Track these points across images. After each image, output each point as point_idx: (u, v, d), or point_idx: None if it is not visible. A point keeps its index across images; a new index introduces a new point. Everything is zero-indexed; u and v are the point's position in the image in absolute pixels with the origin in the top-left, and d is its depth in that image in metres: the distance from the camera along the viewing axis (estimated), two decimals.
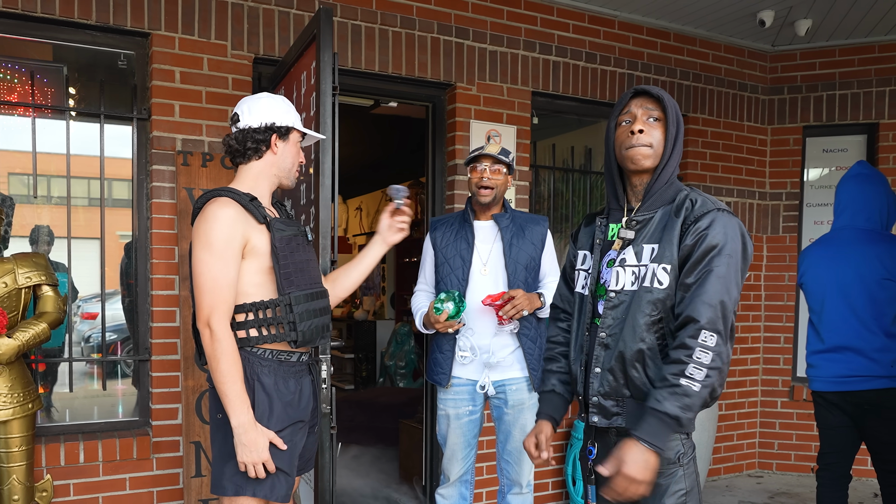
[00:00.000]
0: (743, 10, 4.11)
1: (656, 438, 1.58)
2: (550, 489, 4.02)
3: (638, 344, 1.67)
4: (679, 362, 1.58)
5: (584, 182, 4.38)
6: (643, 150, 1.71)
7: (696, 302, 1.59)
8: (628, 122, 1.75)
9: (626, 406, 1.72)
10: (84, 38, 3.04)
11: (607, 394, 1.73)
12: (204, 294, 1.90)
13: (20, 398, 2.65)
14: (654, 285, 1.67)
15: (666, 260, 1.66)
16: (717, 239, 1.62)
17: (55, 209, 3.56)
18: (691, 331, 1.58)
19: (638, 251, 1.72)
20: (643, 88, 1.75)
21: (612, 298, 1.73)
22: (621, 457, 1.59)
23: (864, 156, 4.70)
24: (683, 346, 1.59)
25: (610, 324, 1.73)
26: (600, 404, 1.74)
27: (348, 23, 3.43)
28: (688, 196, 1.72)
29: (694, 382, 1.56)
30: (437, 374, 2.71)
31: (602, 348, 1.74)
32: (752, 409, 4.81)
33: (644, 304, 1.67)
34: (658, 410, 1.58)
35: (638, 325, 1.67)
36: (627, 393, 1.71)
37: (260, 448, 1.90)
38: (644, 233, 1.72)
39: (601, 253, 1.82)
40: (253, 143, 2.04)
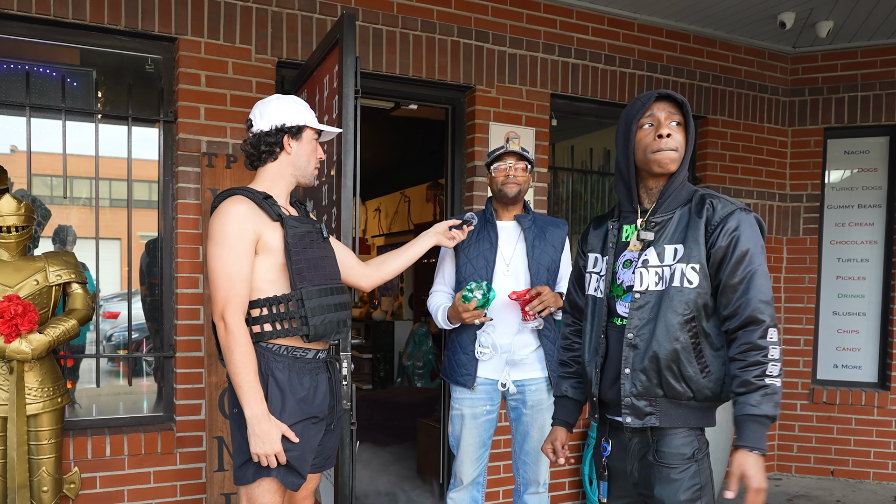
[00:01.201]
0: (763, 12, 4.10)
1: (762, 442, 1.63)
2: (567, 489, 4.03)
3: (673, 344, 1.70)
4: (758, 364, 1.64)
5: (602, 184, 4.39)
6: (671, 154, 1.74)
7: (753, 302, 1.66)
8: (651, 125, 1.77)
9: (659, 405, 1.74)
10: (113, 42, 3.12)
11: (640, 394, 1.75)
12: (218, 288, 1.95)
13: (50, 392, 2.72)
14: (684, 285, 1.71)
15: (694, 260, 1.70)
16: (749, 238, 1.68)
17: (77, 209, 3.64)
18: (759, 331, 1.65)
19: (660, 252, 1.75)
20: (667, 93, 1.77)
21: (638, 299, 1.76)
22: (744, 472, 1.62)
23: (886, 158, 4.67)
24: (757, 347, 1.64)
25: (637, 324, 1.75)
26: (633, 405, 1.76)
27: (370, 27, 3.48)
28: (704, 196, 1.76)
29: (775, 379, 1.64)
30: (462, 376, 2.68)
31: (630, 349, 1.76)
32: None
33: (676, 303, 1.70)
34: (758, 416, 1.62)
35: (671, 325, 1.70)
36: (661, 393, 1.73)
37: (273, 439, 1.93)
38: (664, 234, 1.76)
39: (615, 255, 1.85)
40: (266, 146, 2.09)
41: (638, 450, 1.81)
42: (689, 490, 1.72)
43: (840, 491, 4.45)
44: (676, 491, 1.71)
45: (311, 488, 2.28)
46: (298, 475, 2.04)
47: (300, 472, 2.04)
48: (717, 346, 1.74)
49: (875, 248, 4.72)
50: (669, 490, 1.72)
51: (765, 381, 1.62)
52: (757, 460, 1.61)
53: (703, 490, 1.73)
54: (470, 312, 2.52)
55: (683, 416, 1.75)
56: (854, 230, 4.76)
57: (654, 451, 1.76)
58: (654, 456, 1.76)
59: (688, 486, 1.72)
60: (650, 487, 1.76)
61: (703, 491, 1.73)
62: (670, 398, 1.73)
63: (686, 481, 1.72)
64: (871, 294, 4.72)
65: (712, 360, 1.73)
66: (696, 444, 1.75)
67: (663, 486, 1.73)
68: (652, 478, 1.76)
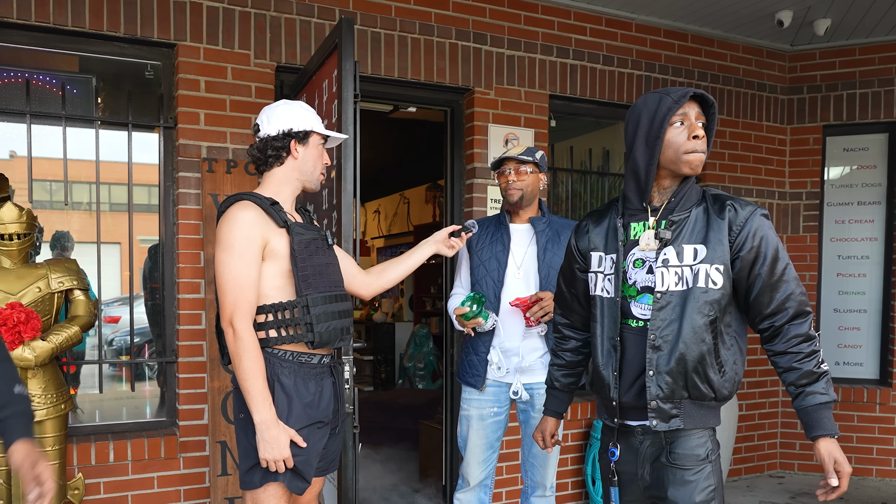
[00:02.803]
0: (761, 11, 4.11)
1: (836, 427, 1.69)
2: (570, 489, 4.04)
3: (700, 346, 1.70)
4: (814, 353, 1.71)
5: (601, 184, 4.40)
6: (702, 156, 1.74)
7: (797, 295, 1.72)
8: (683, 123, 1.72)
9: (683, 408, 1.73)
10: (112, 49, 3.12)
11: (666, 397, 1.72)
12: (226, 294, 1.96)
13: (53, 399, 2.73)
14: (709, 286, 1.70)
15: (718, 260, 1.70)
16: (774, 237, 1.73)
17: (76, 214, 3.65)
18: (808, 323, 1.72)
19: (679, 251, 1.72)
20: (701, 93, 1.74)
21: (660, 299, 1.73)
22: (835, 458, 1.66)
23: (885, 155, 4.68)
24: (809, 337, 1.71)
25: (659, 325, 1.72)
26: (659, 407, 1.73)
27: (368, 30, 3.48)
28: (718, 197, 1.77)
29: (825, 364, 1.72)
30: (472, 377, 2.70)
31: (653, 351, 1.73)
32: (773, 409, 4.80)
33: (702, 304, 1.70)
34: (823, 403, 1.68)
35: (697, 326, 1.69)
36: (685, 395, 1.72)
37: (282, 445, 1.94)
38: (683, 233, 1.73)
39: (624, 253, 1.81)
40: (273, 150, 2.09)
41: (650, 453, 1.79)
42: (704, 491, 1.71)
43: None
44: (692, 492, 1.71)
45: (315, 492, 2.28)
46: (304, 479, 2.04)
47: (305, 476, 2.04)
48: (729, 345, 1.75)
49: (875, 244, 4.72)
50: (684, 492, 1.71)
51: (823, 367, 1.70)
52: (835, 444, 1.67)
53: (716, 491, 1.74)
54: (459, 319, 2.59)
55: (704, 416, 1.76)
56: (854, 227, 4.76)
57: (668, 454, 1.75)
58: (667, 458, 1.75)
59: (703, 487, 1.71)
60: (663, 490, 1.75)
61: (717, 492, 1.74)
62: (695, 399, 1.73)
63: (701, 482, 1.72)
64: (872, 291, 4.73)
65: (726, 359, 1.74)
66: (709, 445, 1.75)
67: (678, 488, 1.72)
68: (665, 480, 1.75)
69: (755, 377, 4.70)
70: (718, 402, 1.77)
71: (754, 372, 4.69)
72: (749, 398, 4.66)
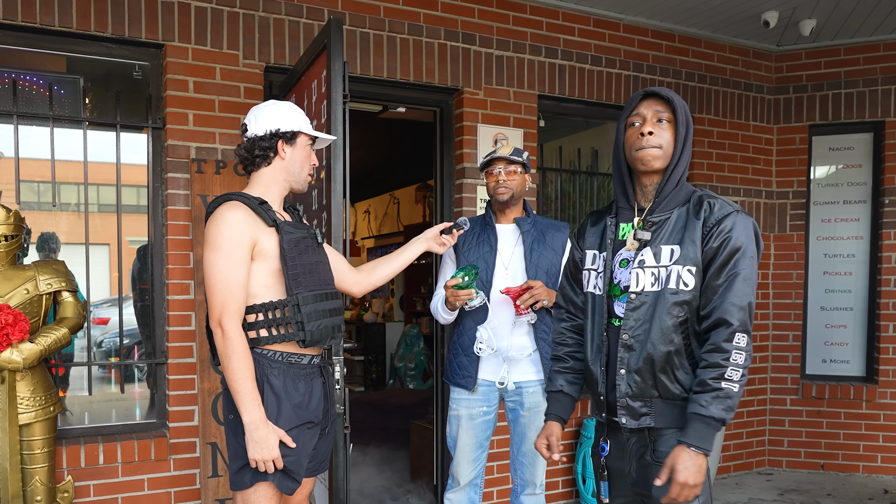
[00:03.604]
0: (747, 11, 4.14)
1: (704, 442, 1.63)
2: (561, 487, 4.06)
3: (667, 346, 1.71)
4: (718, 366, 1.64)
5: (590, 183, 4.42)
6: (653, 151, 1.74)
7: (726, 304, 1.65)
8: (638, 123, 1.77)
9: (654, 406, 1.75)
10: (100, 50, 3.11)
11: (635, 395, 1.75)
12: (215, 294, 1.96)
13: (42, 401, 2.72)
14: (680, 287, 1.70)
15: (690, 262, 1.70)
16: (740, 241, 1.67)
17: (64, 216, 3.63)
18: (725, 334, 1.64)
19: (656, 252, 1.74)
20: (653, 90, 1.77)
21: (634, 300, 1.75)
22: (674, 465, 1.64)
23: (870, 154, 4.73)
24: (720, 349, 1.64)
25: (632, 325, 1.74)
26: (628, 405, 1.76)
27: (357, 31, 3.49)
28: (702, 197, 1.75)
29: (733, 384, 1.63)
30: (463, 378, 2.70)
31: (625, 350, 1.76)
32: (762, 406, 4.84)
33: (671, 305, 1.70)
34: (704, 416, 1.63)
35: (666, 327, 1.70)
36: (655, 394, 1.74)
37: (271, 445, 1.94)
38: (661, 234, 1.74)
39: (612, 252, 1.83)
40: (260, 150, 2.09)
41: (636, 450, 1.81)
42: None
43: (830, 485, 4.50)
44: None
45: (305, 492, 2.28)
46: (294, 480, 2.05)
47: (296, 476, 2.05)
48: None
49: (861, 243, 4.77)
50: (667, 489, 1.71)
51: (721, 384, 1.62)
52: (692, 457, 1.63)
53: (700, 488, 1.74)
54: (451, 291, 2.52)
55: (678, 416, 1.74)
56: (840, 226, 4.81)
57: (652, 451, 1.76)
58: (651, 456, 1.76)
59: None
60: (648, 487, 1.76)
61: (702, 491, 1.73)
62: (665, 399, 1.74)
63: None
64: (858, 289, 4.78)
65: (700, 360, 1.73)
66: None
67: (661, 485, 1.73)
68: (650, 477, 1.76)
69: None
70: None
71: None
72: None
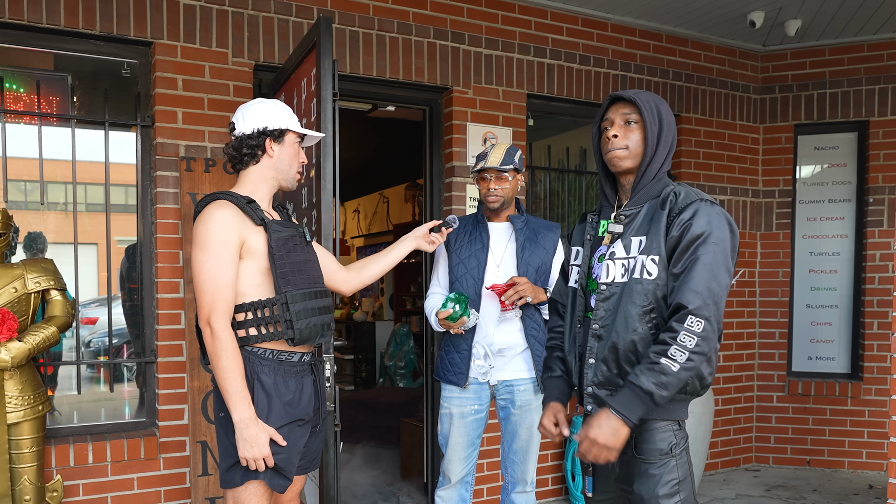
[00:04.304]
0: (734, 12, 4.18)
1: (627, 410, 1.65)
2: (550, 485, 4.08)
3: (630, 335, 1.73)
4: (663, 343, 1.64)
5: (579, 182, 4.44)
6: (619, 153, 1.80)
7: (684, 289, 1.65)
8: (607, 128, 1.83)
9: None
10: (88, 47, 3.10)
11: (601, 383, 1.79)
12: (203, 293, 1.96)
13: (31, 400, 2.71)
14: (643, 276, 1.72)
15: (654, 251, 1.72)
16: (701, 228, 1.67)
17: (52, 215, 3.61)
18: (679, 316, 1.64)
19: (626, 244, 1.78)
20: (618, 94, 1.82)
21: (604, 291, 1.79)
22: (591, 421, 1.68)
23: (854, 154, 4.78)
24: (670, 329, 1.65)
25: (602, 315, 1.78)
26: (594, 394, 1.80)
27: (346, 29, 3.49)
28: (672, 189, 1.78)
29: (674, 363, 1.61)
30: (454, 375, 2.71)
31: (595, 339, 1.79)
32: (749, 403, 4.88)
33: (635, 294, 1.73)
34: (633, 384, 1.65)
35: (630, 316, 1.73)
36: (621, 382, 1.75)
37: (261, 443, 1.95)
38: (632, 226, 1.79)
39: (592, 249, 1.89)
40: (248, 148, 2.09)
41: None
42: (667, 485, 1.74)
43: (816, 480, 4.55)
44: (655, 486, 1.74)
45: (296, 490, 2.29)
46: (285, 477, 2.05)
47: (287, 474, 2.05)
48: None
49: (846, 241, 4.83)
50: (648, 485, 1.74)
51: (660, 359, 1.62)
52: (610, 419, 1.65)
53: (681, 484, 1.76)
54: (440, 320, 2.60)
55: None
56: (825, 224, 4.86)
57: (633, 447, 1.78)
58: (632, 451, 1.78)
59: (666, 480, 1.74)
60: (630, 483, 1.79)
61: (682, 485, 1.76)
62: None
63: (664, 476, 1.74)
64: (843, 287, 4.83)
65: None
66: (673, 440, 1.77)
67: (642, 481, 1.76)
68: (632, 473, 1.78)
69: (730, 372, 4.78)
70: None
71: (729, 367, 4.77)
72: (725, 393, 4.74)
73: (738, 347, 4.81)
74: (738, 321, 4.79)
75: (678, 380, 1.63)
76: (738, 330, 4.80)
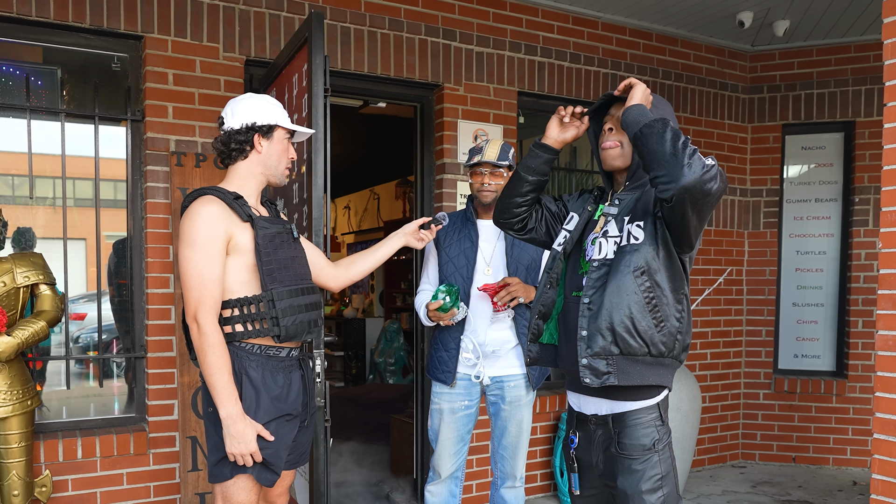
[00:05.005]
0: (723, 12, 4.21)
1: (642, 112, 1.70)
2: (539, 480, 4.10)
3: (625, 299, 1.73)
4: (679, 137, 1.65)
5: (569, 180, 4.46)
6: (610, 151, 1.87)
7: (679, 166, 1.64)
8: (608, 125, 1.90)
9: (616, 363, 1.76)
10: (78, 41, 3.09)
11: (596, 353, 1.76)
12: (190, 289, 1.96)
13: (19, 395, 2.70)
14: (630, 241, 1.77)
15: (639, 218, 1.78)
16: None
17: (41, 210, 3.59)
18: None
19: (620, 224, 1.82)
20: (609, 94, 1.89)
21: (596, 266, 1.81)
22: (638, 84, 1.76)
23: (841, 154, 4.83)
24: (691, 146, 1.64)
25: (593, 287, 1.79)
26: (590, 364, 1.76)
27: (337, 25, 3.49)
28: None
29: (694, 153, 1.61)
30: (442, 373, 2.72)
31: (588, 311, 1.78)
32: (735, 401, 4.93)
33: (627, 258, 1.76)
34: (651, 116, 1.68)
35: (623, 282, 1.74)
36: (616, 350, 1.75)
37: (248, 439, 1.95)
38: (624, 206, 1.84)
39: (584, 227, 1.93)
40: (236, 143, 2.09)
41: (602, 441, 1.85)
42: (650, 480, 1.76)
43: (801, 477, 4.60)
44: (637, 481, 1.75)
45: (285, 485, 2.29)
46: (273, 472, 2.05)
47: (275, 469, 2.05)
48: (673, 301, 1.77)
49: (832, 240, 4.88)
50: (631, 481, 1.76)
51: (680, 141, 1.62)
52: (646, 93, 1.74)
53: (664, 480, 1.77)
54: (432, 311, 2.60)
55: (641, 372, 1.77)
56: (812, 223, 4.91)
57: (616, 443, 1.80)
58: (615, 447, 1.80)
59: (649, 476, 1.76)
60: (614, 478, 1.80)
61: (665, 480, 1.77)
62: (626, 355, 1.75)
63: (647, 471, 1.76)
64: (829, 286, 4.88)
65: (667, 315, 1.76)
66: (656, 435, 1.79)
67: (625, 476, 1.77)
68: (615, 469, 1.80)
69: (718, 370, 4.82)
70: (656, 358, 1.77)
71: (717, 365, 4.81)
72: (712, 390, 4.78)
73: (726, 345, 4.85)
74: (725, 319, 4.83)
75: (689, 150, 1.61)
76: (726, 328, 4.84)
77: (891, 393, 2.35)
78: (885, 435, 2.36)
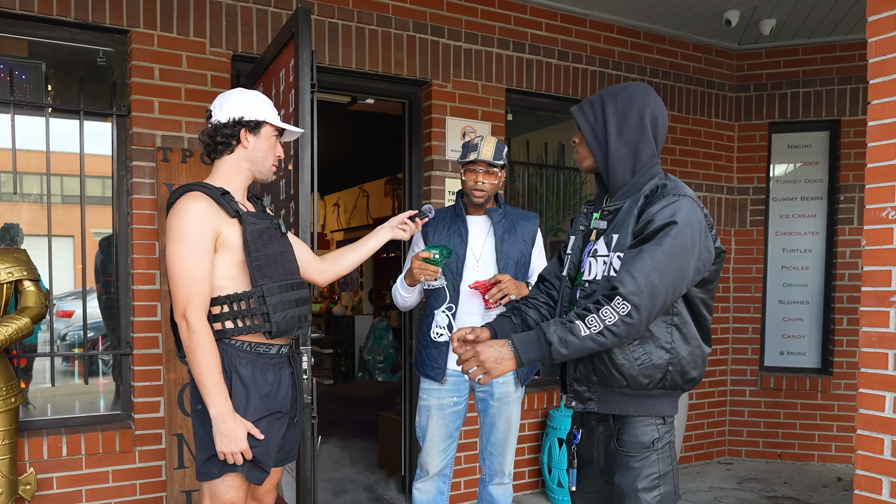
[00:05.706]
0: (710, 10, 4.23)
1: (523, 348, 1.66)
2: (527, 477, 4.11)
3: None
4: (585, 309, 1.64)
5: (557, 178, 4.47)
6: (577, 156, 1.92)
7: (622, 272, 1.64)
8: None
9: (596, 392, 1.78)
10: (63, 35, 3.06)
11: (579, 380, 1.80)
12: (179, 287, 1.94)
13: (3, 392, 2.67)
14: (611, 273, 1.72)
15: (620, 249, 1.71)
16: (663, 219, 1.64)
17: (26, 206, 3.56)
18: (609, 294, 1.63)
19: (608, 241, 1.77)
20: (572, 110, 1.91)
21: (586, 288, 1.79)
22: (490, 342, 1.69)
23: (826, 152, 4.87)
24: (597, 301, 1.64)
25: None
26: (575, 389, 1.81)
27: (325, 20, 3.48)
28: (658, 183, 1.74)
29: (585, 329, 1.61)
30: (432, 369, 2.71)
31: None
32: (722, 398, 4.96)
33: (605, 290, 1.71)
34: (541, 329, 1.65)
35: None
36: (595, 379, 1.76)
37: (238, 437, 1.94)
38: (614, 222, 1.78)
39: (584, 240, 1.89)
40: (222, 137, 2.07)
41: (602, 438, 1.84)
42: (647, 478, 1.74)
43: (787, 473, 4.63)
44: (635, 479, 1.74)
45: (273, 482, 2.29)
46: (262, 470, 2.05)
47: (264, 466, 2.05)
48: (656, 335, 1.72)
49: (817, 238, 4.91)
50: (629, 478, 1.75)
51: (575, 320, 1.62)
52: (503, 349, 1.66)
53: (661, 479, 1.76)
54: (419, 263, 2.50)
55: (621, 403, 1.75)
56: (798, 221, 4.95)
57: (616, 440, 1.79)
58: (615, 444, 1.79)
59: (646, 474, 1.74)
60: (612, 475, 1.80)
61: (662, 479, 1.76)
62: (605, 385, 1.76)
63: (645, 469, 1.74)
64: (814, 283, 4.92)
65: (649, 349, 1.72)
66: (655, 434, 1.76)
67: (623, 473, 1.76)
68: (614, 465, 1.79)
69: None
70: (637, 391, 1.73)
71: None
72: (699, 387, 4.81)
73: (712, 342, 4.87)
74: (712, 316, 4.85)
75: (582, 346, 1.62)
76: (712, 325, 4.85)
77: (874, 389, 2.37)
78: (868, 431, 2.38)
